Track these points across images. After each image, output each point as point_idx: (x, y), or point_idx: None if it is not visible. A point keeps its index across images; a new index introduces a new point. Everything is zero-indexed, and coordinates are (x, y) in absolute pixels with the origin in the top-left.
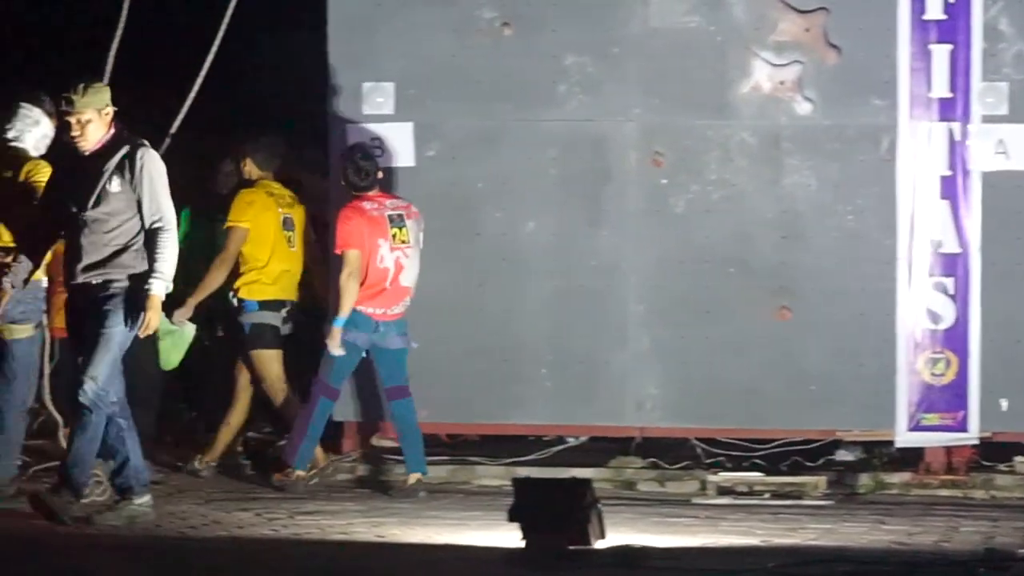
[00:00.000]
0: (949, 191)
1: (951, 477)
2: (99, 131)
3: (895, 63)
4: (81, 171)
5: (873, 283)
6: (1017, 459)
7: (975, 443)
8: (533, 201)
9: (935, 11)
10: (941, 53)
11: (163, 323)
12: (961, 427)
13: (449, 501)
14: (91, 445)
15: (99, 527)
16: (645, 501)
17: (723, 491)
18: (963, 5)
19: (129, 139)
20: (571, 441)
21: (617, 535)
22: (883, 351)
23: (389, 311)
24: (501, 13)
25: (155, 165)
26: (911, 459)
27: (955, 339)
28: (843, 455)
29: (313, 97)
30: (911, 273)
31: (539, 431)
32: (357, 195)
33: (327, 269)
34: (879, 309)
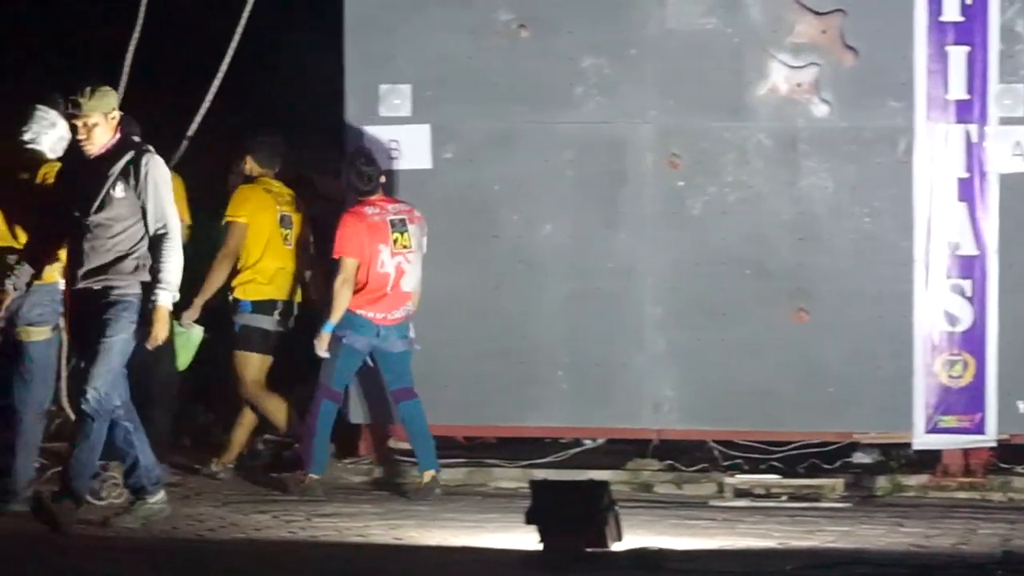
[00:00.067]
0: (966, 193)
1: (969, 479)
2: (105, 135)
3: (912, 65)
4: (86, 175)
5: (890, 285)
6: None
7: (992, 445)
8: (550, 203)
9: (952, 13)
10: (958, 55)
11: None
12: (978, 429)
13: (466, 503)
14: (92, 453)
15: (116, 529)
16: (662, 503)
17: (740, 493)
18: (980, 7)
19: (135, 144)
20: (588, 443)
21: (634, 537)
22: (900, 353)
23: (390, 315)
24: (518, 15)
25: (160, 172)
26: (928, 461)
27: (972, 341)
28: (860, 457)
29: (324, 98)
30: (928, 275)
31: (556, 433)
32: (360, 199)
33: (320, 272)
34: (896, 311)
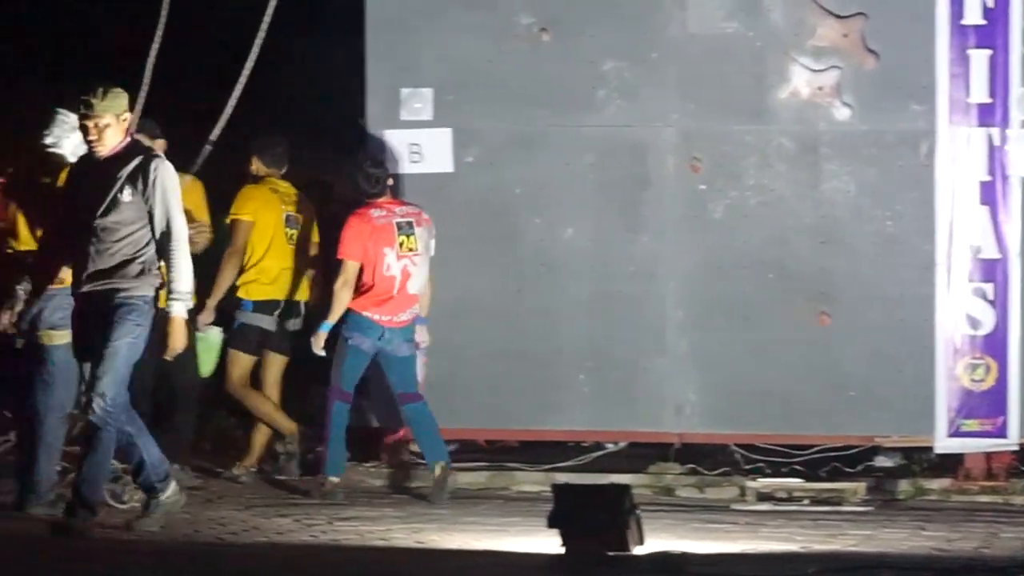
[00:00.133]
0: (988, 196)
1: (991, 483)
2: (116, 137)
3: (933, 68)
4: (94, 177)
5: (912, 288)
6: None
7: (1015, 449)
8: (571, 207)
9: (974, 16)
10: (980, 58)
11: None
12: (1000, 433)
13: (488, 507)
14: (103, 463)
15: (138, 533)
16: (684, 507)
17: (762, 497)
18: (1002, 10)
19: (144, 149)
20: (610, 447)
21: (656, 541)
22: (922, 357)
23: (395, 318)
24: (539, 18)
25: (169, 178)
26: (951, 465)
27: (995, 345)
28: (882, 461)
29: (345, 101)
30: (950, 278)
31: (578, 437)
32: (367, 201)
33: (320, 273)
34: (918, 314)
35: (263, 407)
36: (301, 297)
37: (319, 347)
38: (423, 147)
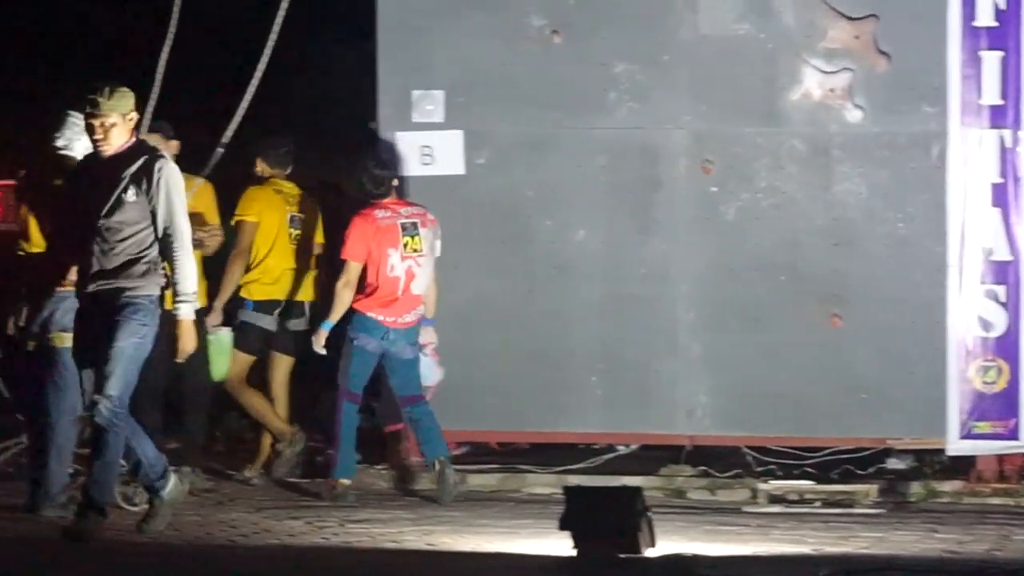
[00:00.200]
0: (1000, 198)
1: (1003, 485)
2: (122, 136)
3: (945, 70)
4: (98, 177)
5: (924, 291)
6: None
7: None
8: (583, 209)
9: (986, 18)
10: (992, 60)
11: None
12: (1012, 435)
13: (499, 509)
14: (110, 466)
15: (151, 535)
16: (696, 509)
17: (774, 499)
18: (1014, 12)
19: (149, 149)
20: (621, 449)
21: (668, 543)
22: (934, 359)
23: (400, 319)
24: (550, 21)
25: (173, 179)
26: (962, 467)
27: (1007, 347)
28: (894, 463)
29: (357, 103)
30: (962, 281)
31: (589, 439)
32: (372, 202)
33: (323, 273)
34: (930, 317)
35: (257, 407)
36: (305, 297)
37: (319, 345)
38: (434, 149)
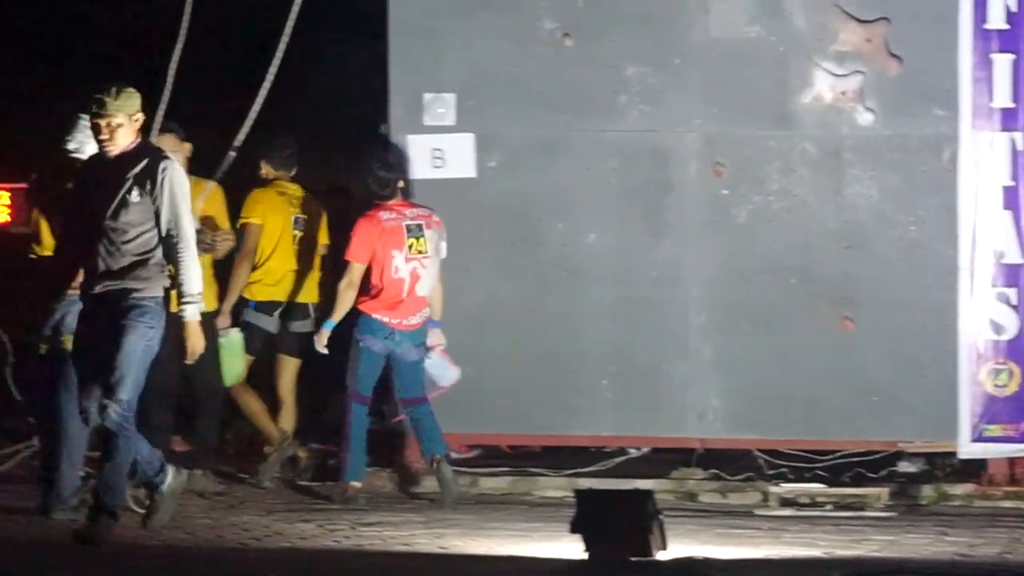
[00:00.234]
0: (1011, 201)
1: (1014, 488)
2: (128, 137)
3: (956, 73)
4: (103, 178)
5: (935, 294)
6: None
7: None
8: (594, 212)
9: (997, 20)
10: (1003, 63)
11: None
12: (1023, 438)
13: (511, 512)
14: (120, 470)
15: (156, 532)
16: (707, 512)
17: (785, 502)
18: None
19: (153, 150)
20: (633, 452)
21: (679, 547)
22: (945, 362)
23: (405, 321)
24: (562, 23)
25: (178, 180)
26: (974, 470)
27: (1018, 350)
28: (905, 466)
29: (367, 106)
30: (973, 283)
31: (600, 442)
32: (377, 204)
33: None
34: (941, 320)
35: (252, 407)
36: (309, 299)
37: (321, 345)
38: (446, 152)
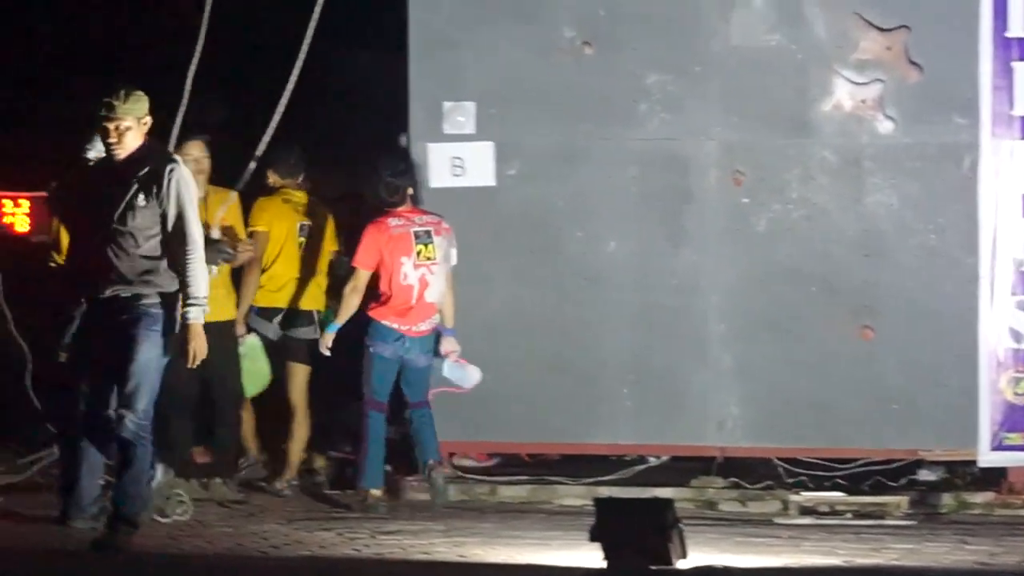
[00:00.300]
0: None
1: None
2: (136, 140)
3: (977, 81)
4: (110, 182)
5: (955, 302)
6: None
7: None
8: (614, 220)
9: (1017, 29)
10: (1023, 71)
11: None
12: None
13: (530, 521)
14: (138, 480)
15: (180, 546)
16: (727, 521)
17: (805, 511)
18: None
19: (160, 153)
20: (652, 461)
21: (699, 555)
22: (965, 370)
23: (415, 328)
24: (582, 32)
25: (185, 184)
26: (994, 479)
27: None
28: (925, 475)
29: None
30: (993, 292)
31: (620, 450)
32: (386, 211)
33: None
34: (961, 328)
35: (243, 418)
36: (314, 306)
37: (325, 346)
38: (465, 160)
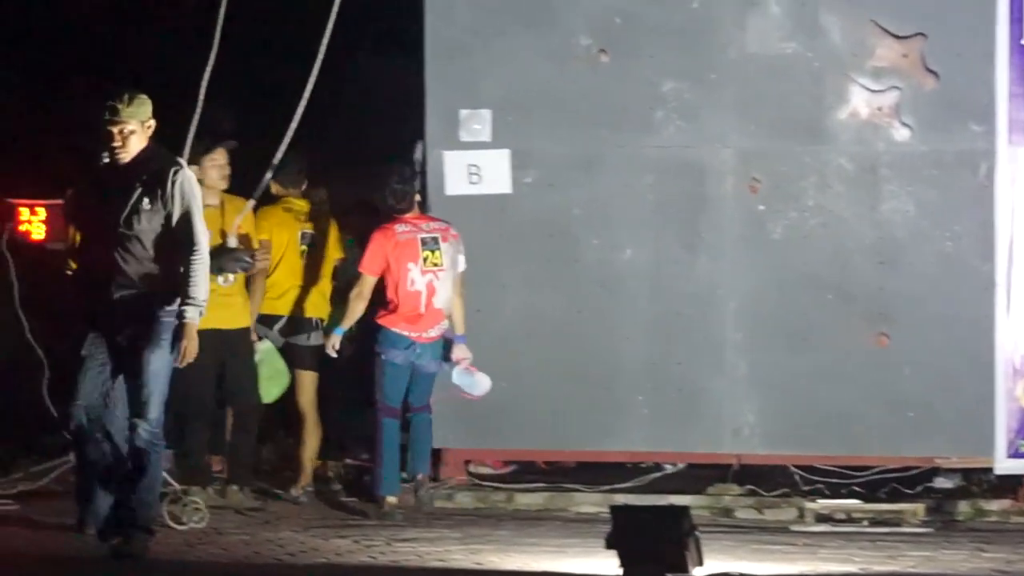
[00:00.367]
0: None
1: None
2: (139, 143)
3: (993, 88)
4: (114, 186)
5: (971, 309)
6: None
7: None
8: (630, 228)
9: None
10: None
11: None
12: None
13: (547, 528)
14: (153, 485)
15: (196, 553)
16: (743, 528)
17: (821, 518)
18: None
19: (164, 156)
20: (668, 468)
21: (715, 563)
22: (982, 377)
23: (425, 334)
24: (598, 40)
25: (190, 187)
26: (1010, 486)
27: None
28: (942, 482)
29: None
30: (1010, 299)
31: (636, 458)
32: (393, 217)
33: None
34: (977, 335)
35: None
36: (316, 314)
37: (331, 347)
38: (481, 168)
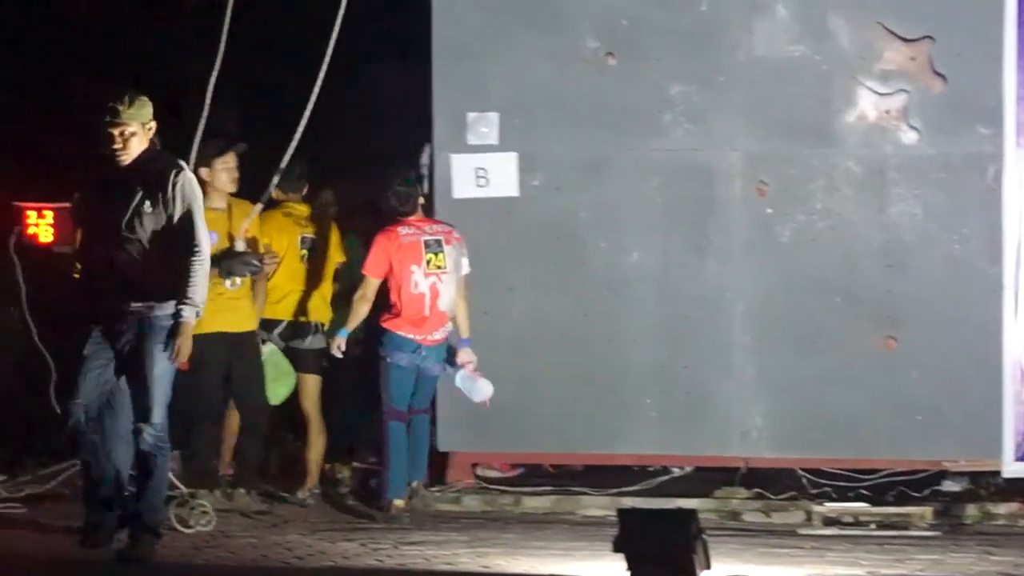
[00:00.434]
0: None
1: None
2: (140, 146)
3: (1001, 91)
4: (115, 188)
5: (979, 312)
6: None
7: None
8: (638, 230)
9: None
10: None
11: None
12: None
13: (554, 531)
14: (160, 488)
15: (204, 557)
16: (751, 532)
17: (829, 521)
18: None
19: (166, 158)
20: (676, 471)
21: (723, 566)
22: (989, 380)
23: (430, 336)
24: (605, 43)
25: (191, 188)
26: (1018, 489)
27: None
28: (949, 485)
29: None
30: (1017, 302)
31: (644, 461)
32: (397, 219)
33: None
34: (985, 338)
35: (231, 429)
36: (318, 318)
37: (336, 349)
38: (489, 171)
